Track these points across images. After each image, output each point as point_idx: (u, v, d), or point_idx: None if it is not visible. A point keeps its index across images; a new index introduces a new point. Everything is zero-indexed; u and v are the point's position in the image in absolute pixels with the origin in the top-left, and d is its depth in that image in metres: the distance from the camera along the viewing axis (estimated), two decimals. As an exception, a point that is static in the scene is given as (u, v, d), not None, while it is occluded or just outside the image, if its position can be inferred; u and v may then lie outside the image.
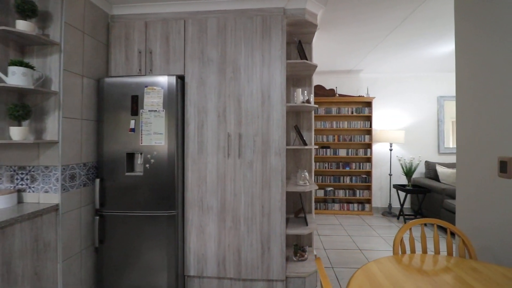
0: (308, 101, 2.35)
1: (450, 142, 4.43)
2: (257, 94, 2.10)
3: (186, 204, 2.12)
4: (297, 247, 2.39)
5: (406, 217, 3.88)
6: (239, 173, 2.09)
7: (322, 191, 4.39)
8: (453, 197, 3.54)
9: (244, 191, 2.09)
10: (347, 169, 4.35)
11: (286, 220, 2.44)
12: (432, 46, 3.23)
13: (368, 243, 3.19)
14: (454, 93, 4.36)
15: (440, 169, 3.93)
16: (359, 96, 4.38)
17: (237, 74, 2.11)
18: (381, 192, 4.49)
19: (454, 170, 3.65)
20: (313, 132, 2.69)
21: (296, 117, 2.70)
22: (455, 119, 4.56)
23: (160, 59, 2.18)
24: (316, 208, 4.39)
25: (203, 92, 2.12)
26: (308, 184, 2.34)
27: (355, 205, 4.33)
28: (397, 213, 4.33)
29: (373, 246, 3.09)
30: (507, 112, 1.39)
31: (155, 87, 2.04)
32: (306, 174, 2.39)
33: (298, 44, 2.33)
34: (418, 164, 3.96)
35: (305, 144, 2.39)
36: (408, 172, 3.91)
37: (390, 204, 4.27)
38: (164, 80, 2.03)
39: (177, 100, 2.04)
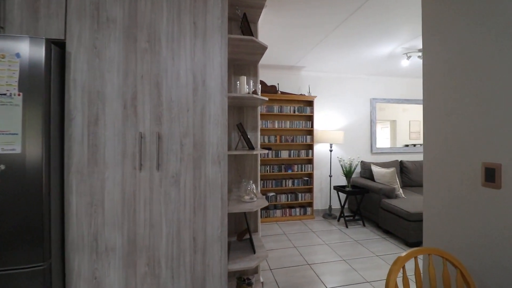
0: (255, 93, 1.84)
1: (381, 142, 4.64)
2: (187, 77, 1.47)
3: (68, 247, 1.32)
4: (241, 280, 1.86)
5: (346, 218, 3.83)
6: (158, 192, 1.42)
7: (264, 197, 3.99)
8: (389, 196, 3.61)
9: (167, 218, 1.43)
10: (289, 171, 4.06)
11: (228, 246, 1.88)
12: (370, 48, 3.17)
13: (316, 254, 2.91)
14: (384, 96, 4.57)
15: (375, 169, 4.01)
16: (301, 94, 4.15)
17: (155, 45, 1.42)
18: (321, 193, 4.39)
19: (388, 170, 3.76)
20: (259, 133, 2.20)
21: (238, 114, 2.16)
22: (383, 120, 4.90)
23: (22, 8, 1.31)
24: (257, 216, 3.96)
25: (99, 68, 1.36)
26: (255, 199, 1.83)
27: (297, 209, 4.09)
28: (337, 214, 4.28)
29: (322, 257, 2.82)
30: (491, 109, 1.15)
31: (4, 55, 1.18)
32: (253, 186, 1.87)
33: (243, 18, 1.79)
34: (357, 164, 3.96)
35: (252, 147, 1.87)
36: (348, 173, 3.86)
37: (330, 206, 4.19)
38: (23, 45, 1.19)
39: (48, 79, 1.23)
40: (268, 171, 4.00)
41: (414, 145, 4.59)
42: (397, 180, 3.71)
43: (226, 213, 1.53)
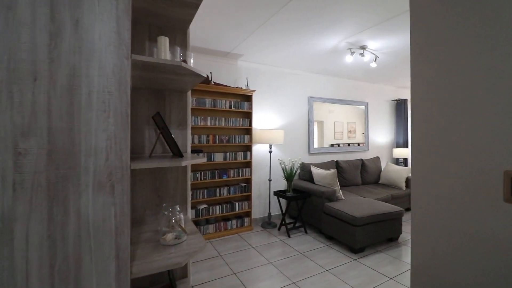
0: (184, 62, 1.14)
1: (318, 142, 4.52)
2: (33, 7, 0.66)
3: None
4: None
5: (287, 225, 3.47)
6: None
7: (193, 211, 3.23)
8: (331, 199, 3.41)
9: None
10: (225, 177, 3.43)
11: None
12: (314, 39, 2.86)
13: (260, 279, 2.37)
14: (321, 95, 4.44)
15: (315, 171, 3.80)
16: (238, 87, 3.57)
17: None
18: (260, 200, 3.93)
19: (329, 171, 3.58)
20: (189, 130, 1.49)
21: (156, 101, 1.40)
22: (320, 120, 4.85)
23: None
24: (185, 236, 3.17)
25: None
26: (184, 237, 1.13)
27: (233, 221, 3.50)
28: (277, 222, 3.89)
29: (268, 284, 2.30)
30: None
31: None
32: (181, 215, 1.16)
33: None
34: (299, 166, 3.65)
35: (178, 153, 1.16)
36: (290, 176, 3.50)
37: (269, 214, 3.76)
38: None
39: None
40: (199, 179, 3.26)
41: (338, 144, 4.65)
42: (337, 182, 3.57)
43: (128, 283, 0.79)
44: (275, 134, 3.65)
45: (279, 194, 3.53)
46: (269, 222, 3.74)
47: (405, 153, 5.06)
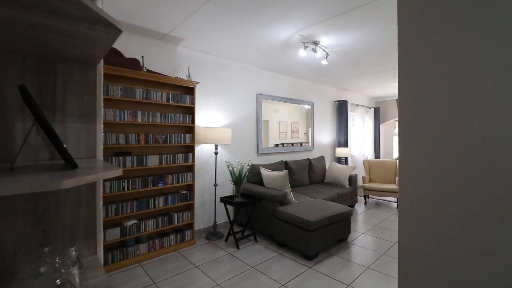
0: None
1: (264, 142, 4.28)
2: None
3: None
4: None
5: (236, 236, 3.09)
6: None
7: (118, 229, 2.56)
8: (282, 203, 3.17)
9: None
10: (160, 185, 2.85)
11: None
12: (266, 28, 2.57)
13: (208, 312, 1.93)
14: (270, 92, 4.21)
15: (265, 172, 3.52)
16: (178, 78, 3.02)
17: None
18: (204, 208, 3.45)
19: (280, 173, 3.34)
20: (99, 124, 0.97)
21: (42, 76, 0.84)
22: (265, 120, 4.61)
23: None
24: (105, 263, 2.48)
25: None
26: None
27: (172, 236, 2.94)
28: (224, 232, 3.47)
29: (217, 317, 1.88)
30: None
31: None
32: (75, 268, 0.66)
33: None
34: (248, 169, 3.31)
35: (70, 161, 0.65)
36: (238, 180, 3.13)
37: (215, 223, 3.32)
38: None
39: None
40: (127, 188, 2.61)
41: (283, 144, 4.55)
42: (289, 184, 3.37)
43: None
44: (222, 133, 3.23)
45: (226, 200, 3.12)
46: (215, 232, 3.30)
47: (346, 152, 5.27)
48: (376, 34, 2.77)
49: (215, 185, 3.33)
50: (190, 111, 3.15)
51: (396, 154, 7.44)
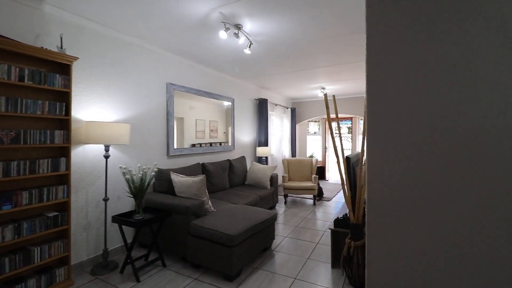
0: None
1: (178, 142, 3.62)
2: None
3: None
4: None
5: (135, 264, 2.36)
6: None
7: None
8: (199, 214, 2.63)
9: None
10: (7, 208, 1.85)
11: None
12: (182, -10, 2.01)
13: None
14: (184, 83, 3.59)
15: (176, 178, 2.89)
16: (43, 48, 2.06)
17: None
18: (89, 233, 2.54)
19: (195, 178, 2.78)
20: None
21: None
22: (180, 117, 3.89)
23: None
24: None
25: None
26: None
27: (32, 281, 1.97)
28: (120, 259, 2.65)
29: None
30: None
31: None
32: None
33: None
34: (154, 176, 2.60)
35: None
36: (140, 191, 2.40)
37: (106, 250, 2.48)
38: None
39: None
40: None
41: (200, 144, 4.04)
42: (206, 190, 2.85)
43: None
44: (116, 130, 2.43)
45: (121, 219, 2.34)
46: (106, 263, 2.46)
47: (266, 151, 5.14)
48: (304, 25, 2.58)
49: (106, 199, 2.49)
50: (63, 97, 2.22)
51: (309, 153, 7.95)
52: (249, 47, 2.86)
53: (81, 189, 2.47)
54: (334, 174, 8.48)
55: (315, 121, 8.48)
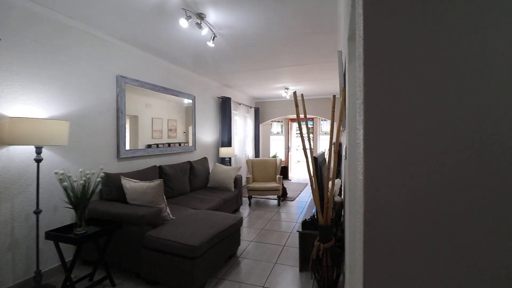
0: None
1: (131, 143, 3.24)
2: None
3: None
4: None
5: (77, 284, 1.98)
6: None
7: None
8: (155, 224, 2.34)
9: None
10: None
11: None
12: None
13: None
14: (138, 77, 3.24)
15: (128, 184, 2.55)
16: None
17: None
18: (16, 252, 2.08)
19: (151, 183, 2.48)
20: None
21: None
22: (134, 115, 3.46)
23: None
24: None
25: None
26: None
27: None
28: (58, 281, 2.22)
29: None
30: None
31: None
32: None
33: None
34: (100, 182, 2.23)
35: None
36: (82, 201, 2.03)
37: (38, 272, 2.05)
38: None
39: None
40: None
41: (157, 145, 3.72)
42: (164, 196, 2.56)
43: None
44: (51, 128, 2.02)
45: (57, 236, 1.95)
46: (39, 287, 2.04)
47: (230, 152, 4.95)
48: (269, 21, 2.46)
49: (37, 212, 2.06)
50: (-26, 86, 1.76)
51: (272, 153, 7.97)
52: (213, 39, 2.66)
53: (4, 201, 2.00)
54: (296, 174, 8.65)
55: (278, 121, 8.55)
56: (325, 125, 8.70)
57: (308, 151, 2.14)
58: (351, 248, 1.61)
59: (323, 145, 8.04)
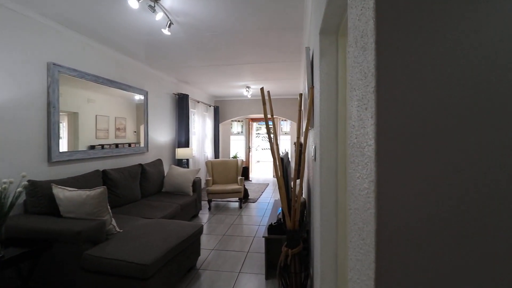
0: None
1: (69, 144, 2.74)
2: None
3: None
4: None
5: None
6: None
7: None
8: (97, 240, 1.96)
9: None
10: None
11: None
12: None
13: None
14: (77, 66, 2.77)
15: (61, 194, 2.11)
16: None
17: None
18: None
19: (91, 192, 2.08)
20: None
21: None
22: (73, 112, 2.90)
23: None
24: None
25: None
26: None
27: None
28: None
29: None
30: None
31: None
32: None
33: None
34: (22, 190, 1.77)
35: None
36: (-7, 219, 1.57)
37: None
38: None
39: None
40: None
41: (103, 146, 3.26)
42: (108, 206, 2.18)
43: None
44: None
45: (-43, 265, 1.48)
46: None
47: (188, 153, 4.61)
48: (239, 11, 2.27)
49: None
50: None
51: (233, 153, 7.77)
52: (169, 26, 2.36)
53: None
54: (256, 174, 8.60)
55: (239, 121, 8.39)
56: (285, 125, 8.82)
57: (276, 152, 2.01)
58: (325, 257, 1.52)
59: (283, 145, 8.13)
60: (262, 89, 1.87)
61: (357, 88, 0.59)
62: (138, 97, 3.89)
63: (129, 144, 3.70)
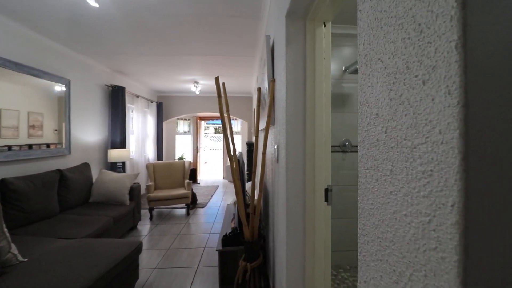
0: None
1: None
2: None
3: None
4: None
5: None
6: None
7: None
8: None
9: None
10: None
11: None
12: None
13: None
14: (19, 59, 2.03)
15: None
16: None
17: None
18: None
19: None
20: None
21: None
22: None
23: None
24: None
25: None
26: None
27: None
28: None
29: None
30: None
31: None
32: None
33: None
34: None
35: None
36: None
37: None
38: None
39: None
40: None
41: (9, 148, 2.52)
42: (5, 230, 1.60)
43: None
44: None
45: None
46: None
47: (124, 155, 3.97)
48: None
49: None
50: None
51: (178, 154, 7.18)
52: (96, -3, 1.88)
53: None
54: (205, 176, 8.15)
55: (185, 119, 7.81)
56: (236, 125, 8.59)
57: (232, 152, 1.76)
58: (292, 272, 1.34)
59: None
60: (217, 78, 1.59)
61: (392, 52, 0.39)
62: (60, 88, 3.15)
63: (48, 145, 2.96)
